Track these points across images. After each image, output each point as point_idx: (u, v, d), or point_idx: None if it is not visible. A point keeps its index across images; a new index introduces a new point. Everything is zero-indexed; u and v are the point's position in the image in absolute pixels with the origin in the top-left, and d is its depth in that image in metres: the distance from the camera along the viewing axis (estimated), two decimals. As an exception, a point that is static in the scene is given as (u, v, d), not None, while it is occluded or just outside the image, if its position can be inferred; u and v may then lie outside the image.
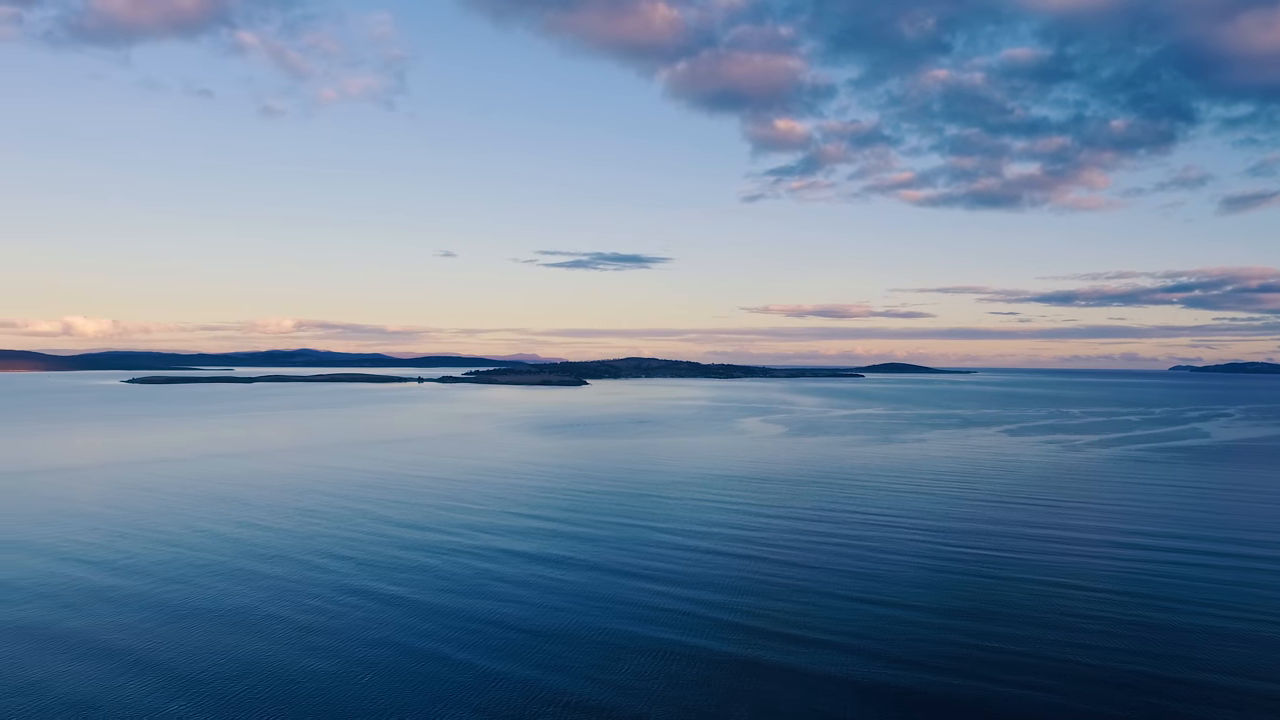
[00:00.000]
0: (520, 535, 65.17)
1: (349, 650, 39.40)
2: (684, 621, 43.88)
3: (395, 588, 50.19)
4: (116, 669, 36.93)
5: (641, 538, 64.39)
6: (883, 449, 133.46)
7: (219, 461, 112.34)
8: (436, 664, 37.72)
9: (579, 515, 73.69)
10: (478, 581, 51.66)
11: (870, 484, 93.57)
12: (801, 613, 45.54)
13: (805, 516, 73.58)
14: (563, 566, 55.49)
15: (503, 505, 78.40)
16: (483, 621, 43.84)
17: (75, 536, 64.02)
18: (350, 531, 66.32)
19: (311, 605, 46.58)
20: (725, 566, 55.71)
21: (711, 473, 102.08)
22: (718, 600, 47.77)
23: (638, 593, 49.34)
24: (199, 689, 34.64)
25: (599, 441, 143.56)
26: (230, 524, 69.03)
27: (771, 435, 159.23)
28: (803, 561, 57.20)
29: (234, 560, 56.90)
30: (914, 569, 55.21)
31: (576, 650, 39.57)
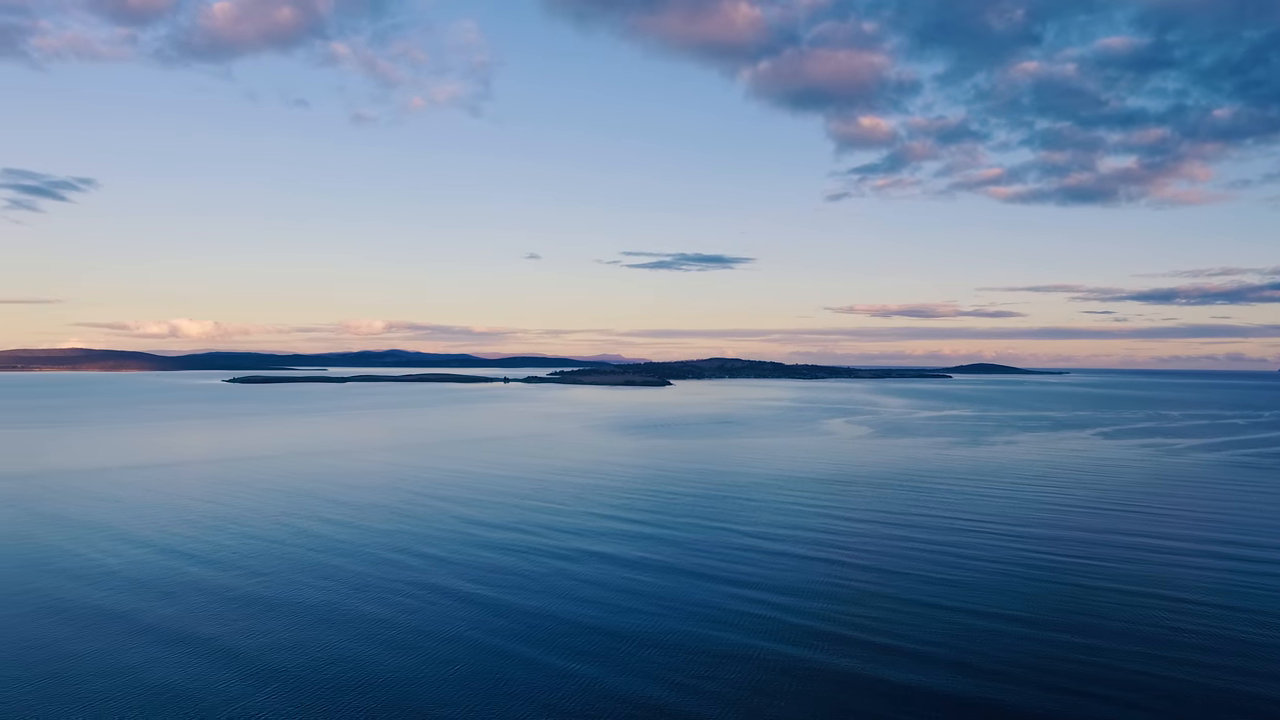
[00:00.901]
0: (599, 536, 65.33)
1: (425, 646, 39.94)
2: (763, 626, 43.23)
3: (473, 585, 50.78)
4: (204, 657, 38.18)
5: (721, 540, 63.84)
6: (970, 451, 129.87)
7: (311, 459, 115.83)
8: (510, 662, 37.95)
9: (659, 516, 73.53)
10: (555, 581, 51.92)
11: (957, 487, 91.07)
12: (883, 619, 44.42)
13: (889, 520, 71.98)
14: (641, 568, 55.33)
15: (583, 505, 78.81)
16: (558, 621, 44.00)
17: (173, 529, 66.70)
18: (433, 529, 67.50)
19: (391, 601, 47.46)
20: (806, 571, 54.80)
21: (794, 474, 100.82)
22: (797, 605, 46.94)
23: (716, 596, 48.80)
24: (281, 679, 35.55)
25: (681, 442, 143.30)
26: (318, 520, 70.99)
27: (855, 436, 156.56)
28: (886, 567, 55.88)
29: (319, 555, 58.44)
30: (1002, 576, 53.38)
31: (651, 652, 39.36)
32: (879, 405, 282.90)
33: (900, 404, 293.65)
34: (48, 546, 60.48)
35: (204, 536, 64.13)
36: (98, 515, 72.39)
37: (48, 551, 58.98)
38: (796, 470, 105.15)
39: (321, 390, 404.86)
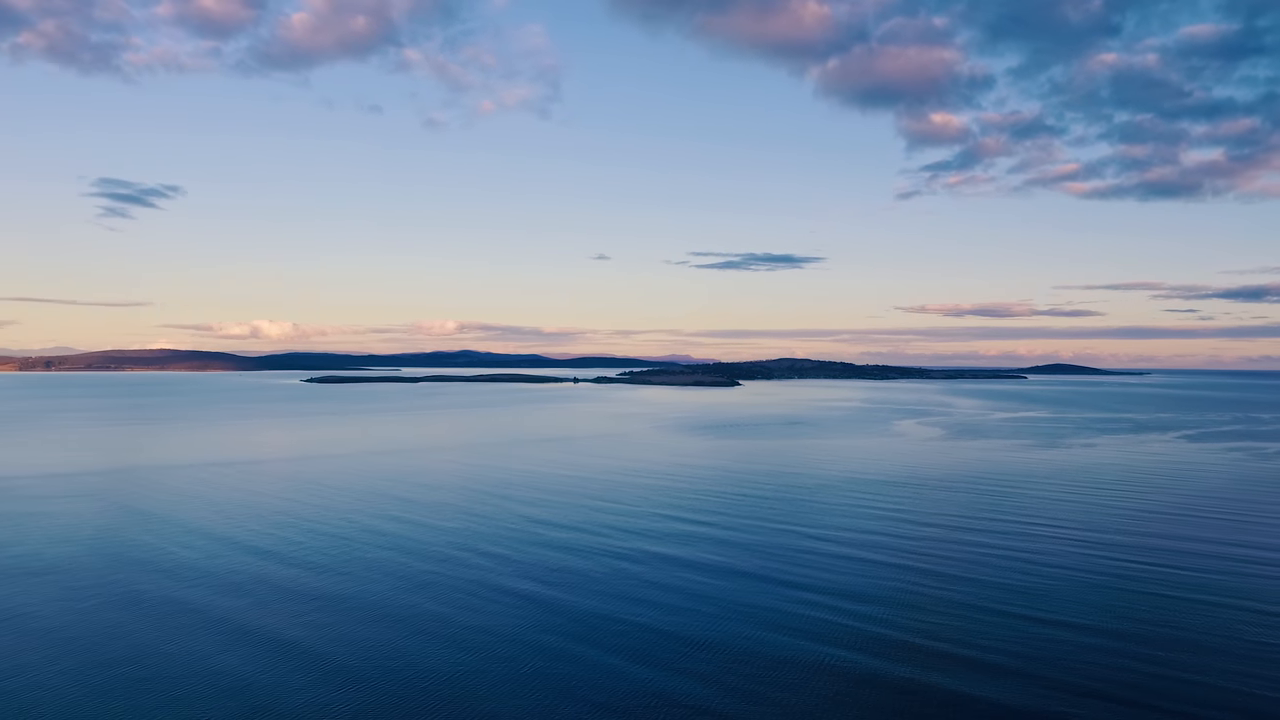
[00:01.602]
0: (664, 538, 64.99)
1: (484, 643, 40.02)
2: (828, 631, 42.36)
3: (535, 585, 50.89)
4: (269, 650, 38.87)
5: (787, 543, 62.96)
6: (1046, 454, 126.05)
7: (382, 458, 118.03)
8: (567, 661, 37.79)
9: (725, 518, 72.92)
10: (617, 583, 51.74)
11: (1033, 491, 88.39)
12: (952, 626, 43.18)
13: (960, 525, 70.16)
14: (705, 571, 54.79)
15: (649, 506, 78.61)
16: (618, 622, 43.81)
17: (248, 524, 68.47)
18: (498, 528, 68.03)
19: (453, 598, 47.84)
20: (873, 575, 53.64)
21: (864, 476, 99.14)
22: (863, 611, 45.91)
23: (780, 599, 47.98)
24: (343, 673, 35.93)
25: (750, 443, 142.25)
26: (385, 518, 72.17)
27: (927, 438, 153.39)
28: (956, 572, 54.39)
29: (385, 553, 59.32)
30: (1078, 584, 51.48)
31: (711, 655, 38.87)
32: (951, 406, 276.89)
33: (973, 405, 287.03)
34: (130, 540, 62.62)
35: (276, 532, 65.69)
36: (179, 510, 74.77)
37: (130, 544, 61.06)
38: (866, 472, 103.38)
39: (395, 390, 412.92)
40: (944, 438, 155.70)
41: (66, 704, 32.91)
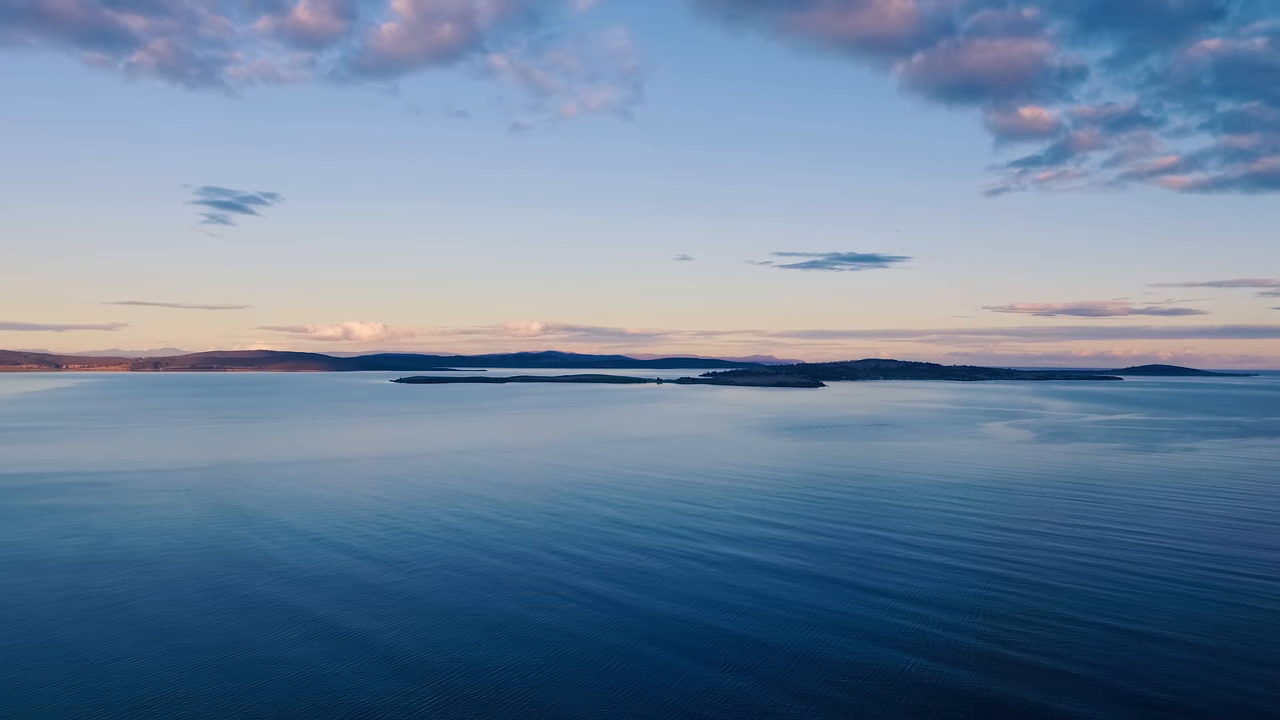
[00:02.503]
0: (745, 541, 64.26)
1: (554, 642, 40.02)
2: (911, 640, 41.09)
3: (611, 586, 50.75)
4: (344, 644, 39.62)
5: (870, 548, 61.57)
6: (1143, 458, 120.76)
7: (466, 457, 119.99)
8: (637, 662, 37.47)
9: (807, 521, 71.81)
10: (696, 585, 51.28)
11: (1128, 497, 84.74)
12: (1042, 639, 41.49)
13: (1051, 532, 67.63)
14: (785, 575, 53.88)
15: (730, 508, 77.95)
16: (696, 625, 43.37)
17: (331, 521, 70.25)
18: (577, 528, 68.31)
19: (526, 597, 48.06)
20: (959, 583, 51.99)
21: (949, 479, 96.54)
22: (949, 620, 44.41)
23: (862, 606, 46.77)
24: (415, 668, 36.38)
25: (834, 444, 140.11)
26: (465, 517, 73.18)
27: (1017, 441, 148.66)
28: (1047, 581, 52.33)
29: (462, 551, 60.06)
30: (1179, 598, 48.93)
31: (791, 661, 38.13)
32: (1042, 408, 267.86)
33: (1065, 407, 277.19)
34: (224, 533, 64.89)
35: (360, 529, 67.24)
36: (271, 506, 77.24)
37: (223, 538, 63.27)
38: (951, 475, 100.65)
39: (481, 390, 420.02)
40: (1034, 440, 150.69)
41: (161, 685, 34.18)
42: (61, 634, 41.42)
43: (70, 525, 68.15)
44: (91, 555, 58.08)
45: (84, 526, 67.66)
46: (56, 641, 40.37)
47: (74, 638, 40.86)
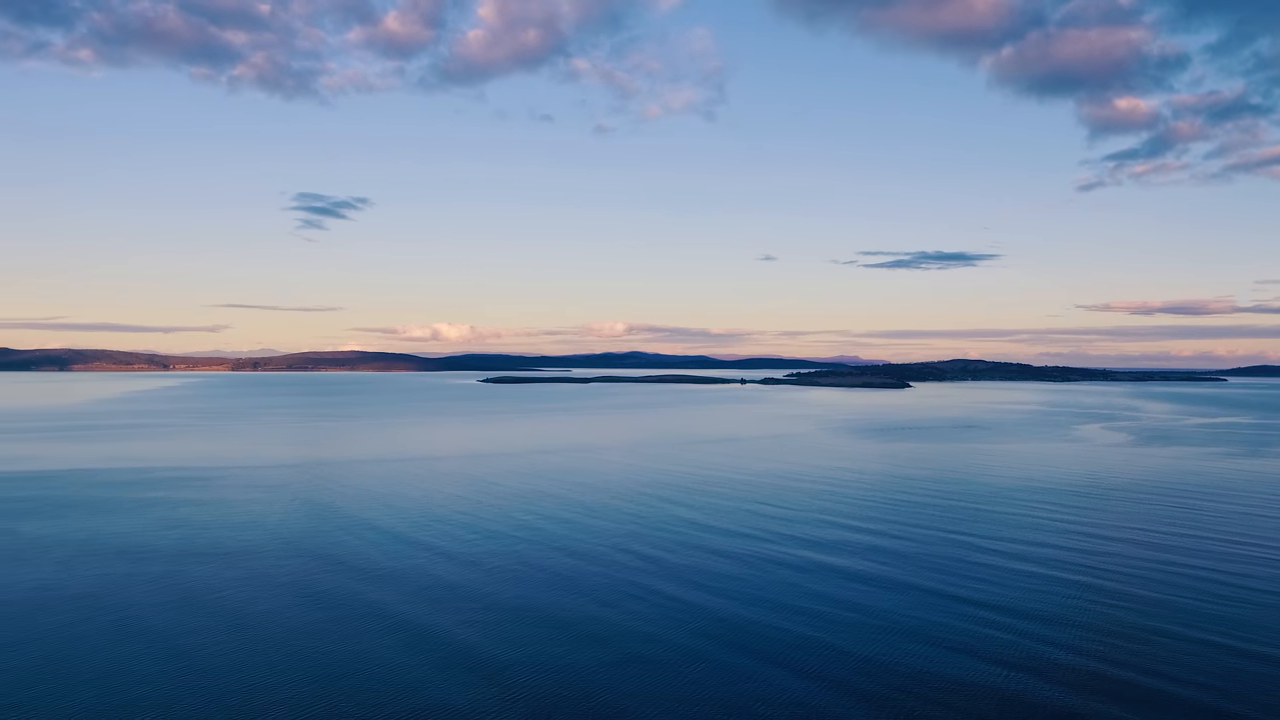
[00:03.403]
0: (828, 546, 62.80)
1: (622, 643, 39.77)
2: (999, 652, 39.40)
3: (694, 590, 50.15)
4: (424, 641, 40.05)
5: (958, 555, 59.52)
6: (1250, 464, 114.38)
7: (549, 456, 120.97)
8: (709, 666, 36.94)
9: (892, 525, 70.00)
10: (777, 590, 50.22)
11: (1234, 506, 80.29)
12: (1139, 653, 39.38)
13: (1151, 541, 64.47)
14: (869, 581, 52.40)
15: (813, 511, 76.59)
16: (775, 631, 42.53)
17: (418, 519, 71.45)
18: (656, 530, 67.93)
19: (612, 601, 47.82)
20: (1050, 593, 49.83)
21: (1042, 484, 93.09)
22: (1039, 631, 42.46)
23: (948, 615, 45.13)
24: (492, 667, 36.57)
25: (920, 446, 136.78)
26: (544, 517, 73.57)
27: (1113, 444, 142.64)
28: (1146, 593, 49.78)
29: (545, 552, 60.26)
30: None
31: (872, 670, 36.99)
32: (1140, 410, 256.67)
33: (1165, 409, 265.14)
34: (308, 530, 66.63)
35: (443, 529, 68.21)
36: (357, 503, 79.12)
37: (307, 534, 64.94)
38: (1045, 480, 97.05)
39: (565, 390, 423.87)
40: (1131, 444, 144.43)
41: (243, 673, 35.14)
42: (155, 620, 43.05)
43: (170, 518, 70.97)
44: (187, 547, 60.33)
45: (182, 519, 70.36)
46: (151, 628, 41.98)
47: (166, 625, 42.38)
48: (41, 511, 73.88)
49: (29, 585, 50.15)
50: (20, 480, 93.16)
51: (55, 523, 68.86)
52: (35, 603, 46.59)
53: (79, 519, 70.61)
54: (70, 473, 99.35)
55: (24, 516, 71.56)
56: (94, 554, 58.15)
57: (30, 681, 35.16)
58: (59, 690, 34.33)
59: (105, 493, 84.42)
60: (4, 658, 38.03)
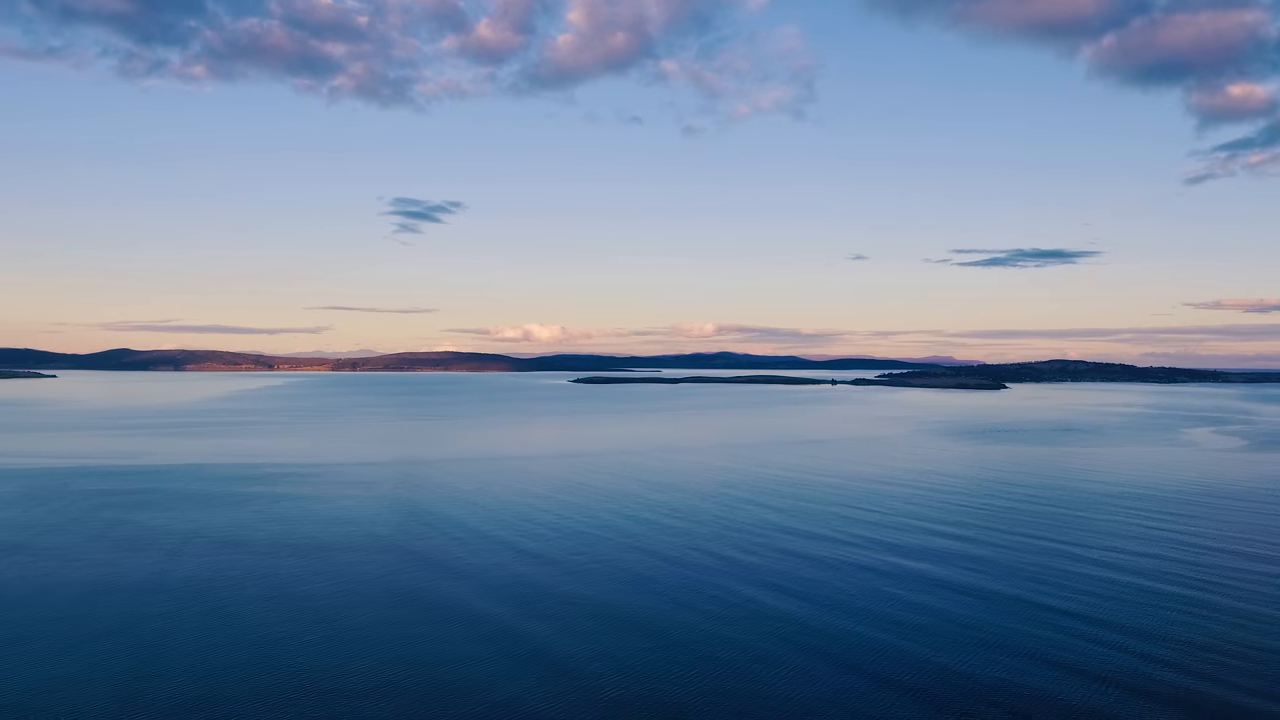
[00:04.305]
0: (919, 553, 60.74)
1: (713, 651, 39.35)
2: (1102, 669, 37.19)
3: (779, 595, 49.25)
4: (495, 638, 40.43)
5: (1055, 565, 56.60)
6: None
7: (637, 457, 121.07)
8: (814, 683, 36.23)
9: (987, 532, 67.49)
10: (864, 599, 48.76)
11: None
12: (1262, 676, 36.66)
13: (1270, 555, 60.46)
14: (962, 591, 50.46)
15: (904, 517, 74.43)
16: (862, 641, 41.20)
17: (505, 519, 72.30)
18: (748, 534, 66.95)
19: (697, 605, 47.28)
20: (1159, 608, 46.93)
21: (1147, 491, 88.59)
22: (1145, 649, 39.95)
23: (1047, 629, 43.02)
24: (571, 669, 36.59)
25: (1017, 449, 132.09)
26: (629, 519, 73.51)
27: (1225, 449, 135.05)
28: (1266, 611, 46.51)
29: (631, 554, 60.11)
30: None
31: (963, 684, 35.39)
32: (1254, 414, 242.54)
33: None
34: (397, 526, 68.08)
35: (530, 528, 68.82)
36: (443, 502, 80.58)
37: (396, 530, 66.34)
38: (1149, 486, 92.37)
39: (655, 390, 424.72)
40: (1246, 449, 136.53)
41: (325, 661, 35.99)
42: (247, 609, 44.54)
43: (268, 512, 73.48)
44: (282, 540, 62.34)
45: (278, 514, 72.76)
46: (243, 616, 43.48)
47: (258, 614, 43.75)
48: (155, 503, 77.43)
49: (140, 572, 52.59)
50: (138, 473, 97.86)
51: (166, 514, 72.05)
52: (144, 588, 48.81)
53: (186, 510, 73.71)
54: (181, 467, 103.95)
55: (140, 507, 75.14)
56: (197, 544, 60.58)
57: (132, 663, 36.71)
58: (157, 671, 35.77)
59: (211, 486, 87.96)
60: (112, 640, 39.87)
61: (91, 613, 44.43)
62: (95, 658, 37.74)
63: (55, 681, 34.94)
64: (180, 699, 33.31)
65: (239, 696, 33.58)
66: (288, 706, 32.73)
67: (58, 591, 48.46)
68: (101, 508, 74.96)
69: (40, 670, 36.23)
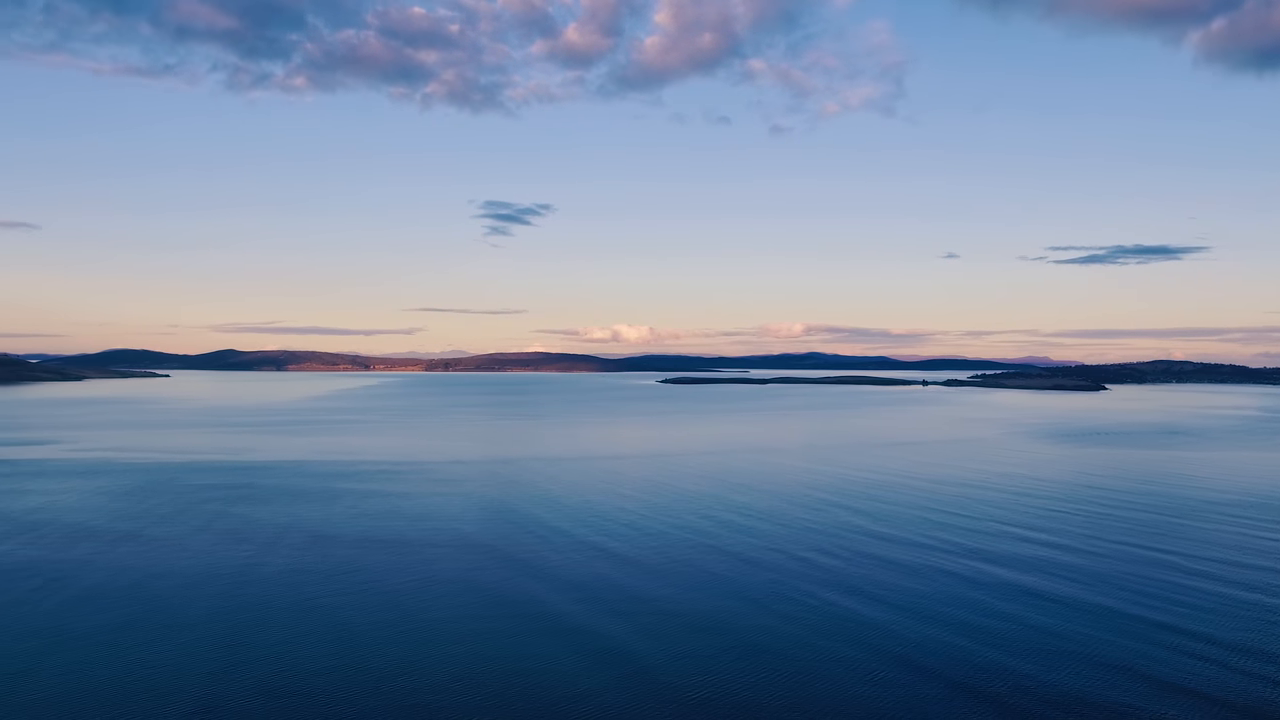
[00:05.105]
0: (1014, 561, 58.37)
1: (799, 660, 38.73)
2: (1222, 693, 35.07)
3: (866, 603, 48.14)
4: (577, 640, 40.65)
5: (1163, 577, 53.68)
6: None
7: (723, 458, 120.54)
8: (896, 693, 35.48)
9: (1088, 541, 64.52)
10: (956, 609, 47.09)
11: None
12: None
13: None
14: (1061, 603, 48.24)
15: (998, 523, 71.80)
16: (955, 653, 39.82)
17: (582, 518, 72.84)
18: (834, 540, 65.51)
19: (781, 610, 46.67)
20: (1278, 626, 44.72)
21: (1261, 499, 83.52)
22: (1263, 671, 37.54)
23: (1157, 647, 40.66)
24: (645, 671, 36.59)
25: (1116, 453, 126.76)
26: (721, 524, 72.95)
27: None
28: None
29: (716, 558, 59.72)
30: None
31: (1065, 703, 34.01)
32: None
33: None
34: (479, 524, 69.28)
35: (608, 528, 69.13)
36: (528, 501, 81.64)
37: (478, 529, 67.50)
38: (1263, 494, 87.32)
39: (742, 391, 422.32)
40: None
41: (407, 655, 36.90)
42: (333, 602, 45.85)
43: (357, 508, 75.67)
44: (369, 535, 64.10)
45: (367, 509, 74.86)
46: (328, 608, 44.78)
47: (341, 607, 45.04)
48: (255, 497, 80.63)
49: (237, 562, 54.83)
50: (241, 469, 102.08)
51: (264, 507, 74.94)
52: (239, 578, 50.84)
53: (283, 505, 76.51)
54: (280, 463, 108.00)
55: (241, 501, 78.37)
56: (291, 537, 62.82)
57: (224, 651, 38.23)
58: (243, 660, 37.15)
59: (306, 482, 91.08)
60: (207, 627, 41.62)
61: (191, 600, 46.50)
62: (191, 644, 39.43)
63: (153, 667, 36.63)
64: (267, 686, 34.52)
65: (322, 687, 34.60)
66: (369, 697, 33.60)
67: (162, 579, 50.90)
68: (206, 501, 78.42)
69: (140, 654, 38.06)
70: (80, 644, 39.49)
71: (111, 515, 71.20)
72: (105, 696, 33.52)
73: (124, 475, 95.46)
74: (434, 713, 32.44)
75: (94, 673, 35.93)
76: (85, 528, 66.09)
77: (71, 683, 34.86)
